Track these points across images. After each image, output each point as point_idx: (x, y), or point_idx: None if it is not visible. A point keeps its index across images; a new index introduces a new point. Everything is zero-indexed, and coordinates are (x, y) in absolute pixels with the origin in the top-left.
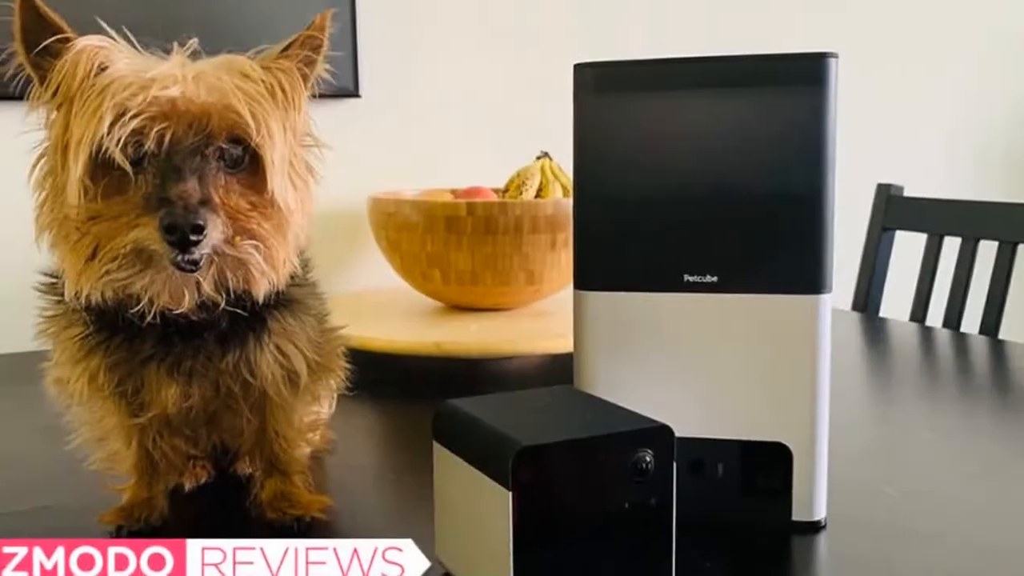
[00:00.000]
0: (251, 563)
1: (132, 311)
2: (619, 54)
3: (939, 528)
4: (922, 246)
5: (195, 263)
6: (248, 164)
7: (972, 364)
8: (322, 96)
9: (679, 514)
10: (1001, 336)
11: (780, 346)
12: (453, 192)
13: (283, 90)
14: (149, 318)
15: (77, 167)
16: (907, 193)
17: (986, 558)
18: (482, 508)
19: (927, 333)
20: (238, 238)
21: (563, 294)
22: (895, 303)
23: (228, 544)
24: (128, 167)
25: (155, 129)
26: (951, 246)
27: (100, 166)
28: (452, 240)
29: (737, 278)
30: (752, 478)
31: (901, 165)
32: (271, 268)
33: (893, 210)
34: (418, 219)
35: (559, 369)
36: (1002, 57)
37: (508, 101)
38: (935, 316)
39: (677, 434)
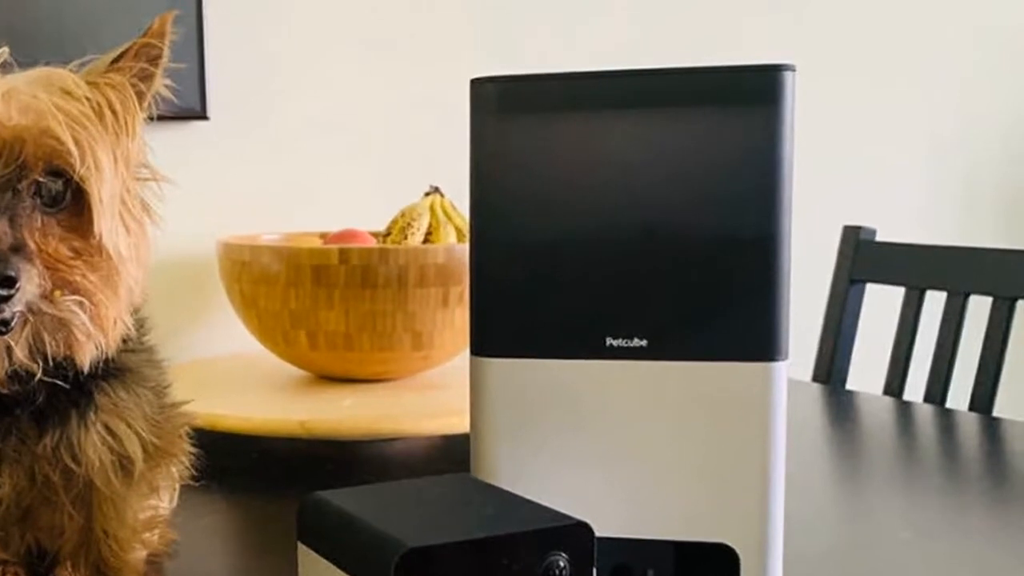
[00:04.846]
0: None
1: None
2: (526, 66)
3: None
4: (898, 302)
5: (5, 324)
6: (70, 202)
7: (960, 447)
8: (161, 118)
9: None
10: (996, 413)
11: (724, 425)
12: (322, 236)
13: (113, 111)
14: None
15: None
16: (880, 237)
17: None
18: None
19: (905, 409)
20: (58, 293)
21: (458, 362)
22: (866, 372)
23: None
24: None
25: None
26: (934, 302)
27: None
28: (321, 295)
29: (672, 342)
30: None
31: (872, 203)
32: (98, 329)
33: (863, 258)
34: (279, 269)
35: (453, 453)
36: (996, 66)
37: (390, 125)
38: (915, 388)
39: (598, 533)
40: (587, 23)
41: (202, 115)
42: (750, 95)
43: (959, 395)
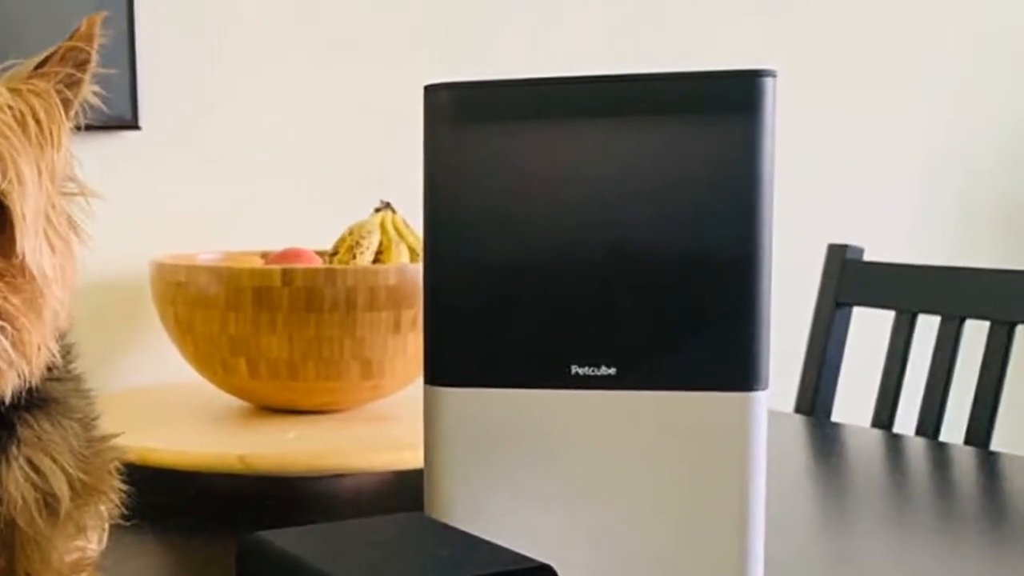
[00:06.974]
0: None
1: None
2: (486, 71)
3: None
4: (888, 327)
5: None
6: None
7: (955, 484)
8: (89, 128)
9: None
10: (993, 447)
11: (699, 460)
12: (264, 255)
13: (37, 120)
14: None
15: None
16: (868, 257)
17: None
18: None
19: (895, 443)
20: None
21: (410, 391)
22: (852, 403)
23: None
24: None
25: None
26: (927, 327)
27: None
28: (263, 319)
29: (642, 370)
30: None
31: (860, 220)
32: (21, 356)
33: (850, 279)
34: (217, 291)
35: (406, 490)
36: (994, 71)
37: (338, 135)
38: (906, 420)
39: None
40: (552, 24)
41: (133, 124)
42: (728, 103)
43: (954, 428)
